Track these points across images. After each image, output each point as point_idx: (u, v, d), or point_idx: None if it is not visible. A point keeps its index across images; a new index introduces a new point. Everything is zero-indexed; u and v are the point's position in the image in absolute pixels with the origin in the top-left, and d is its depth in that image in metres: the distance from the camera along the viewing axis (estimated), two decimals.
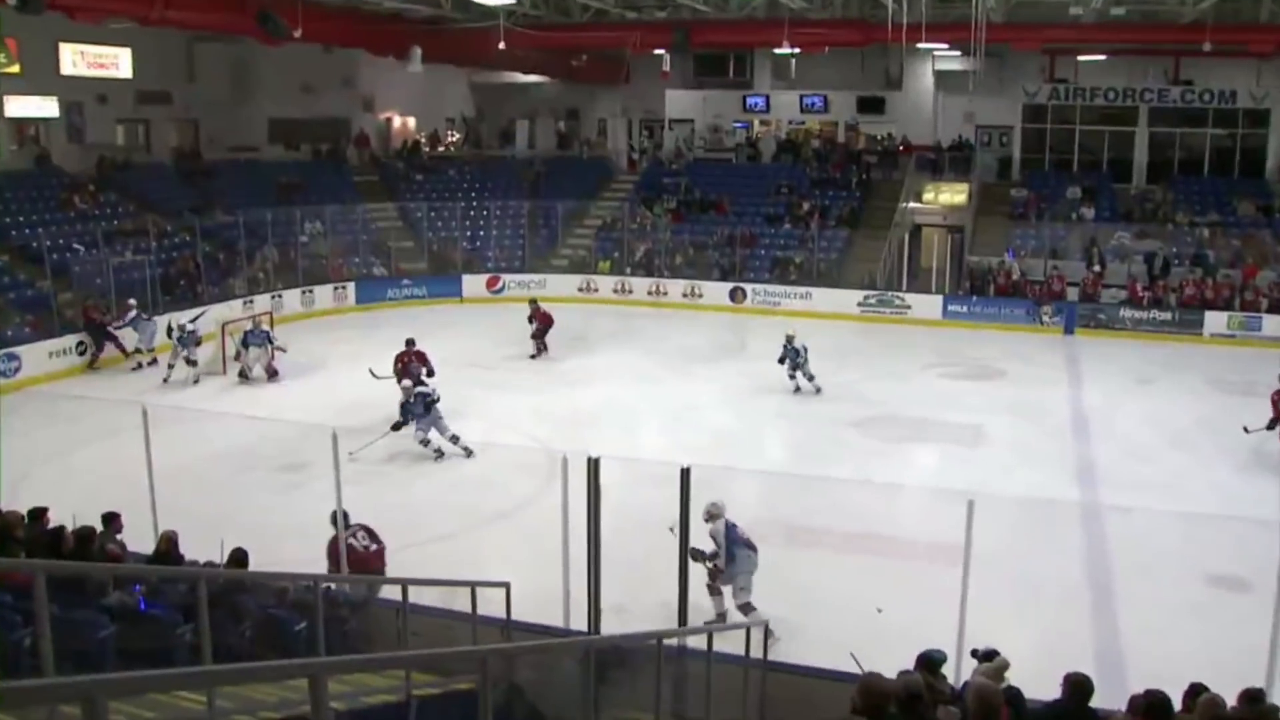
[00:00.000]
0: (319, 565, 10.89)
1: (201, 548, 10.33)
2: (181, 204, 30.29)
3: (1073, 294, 28.22)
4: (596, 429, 18.32)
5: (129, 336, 23.28)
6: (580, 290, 31.73)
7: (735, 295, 30.08)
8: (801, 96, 38.48)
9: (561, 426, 18.51)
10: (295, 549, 12.59)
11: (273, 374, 22.06)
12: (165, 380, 21.45)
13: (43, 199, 27.69)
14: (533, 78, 42.36)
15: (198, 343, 22.11)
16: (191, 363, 21.80)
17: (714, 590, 11.53)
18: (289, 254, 30.10)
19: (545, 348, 24.40)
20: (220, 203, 30.77)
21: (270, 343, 22.20)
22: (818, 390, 20.86)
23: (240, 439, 17.31)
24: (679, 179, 35.13)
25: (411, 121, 40.97)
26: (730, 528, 11.41)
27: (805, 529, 14.01)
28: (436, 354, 20.91)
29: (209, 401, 20.12)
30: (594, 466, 9.88)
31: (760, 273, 30.94)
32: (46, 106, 30.32)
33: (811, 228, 31.42)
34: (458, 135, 42.28)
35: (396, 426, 16.80)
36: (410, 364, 19.53)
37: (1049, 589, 12.37)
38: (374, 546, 11.58)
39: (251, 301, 27.25)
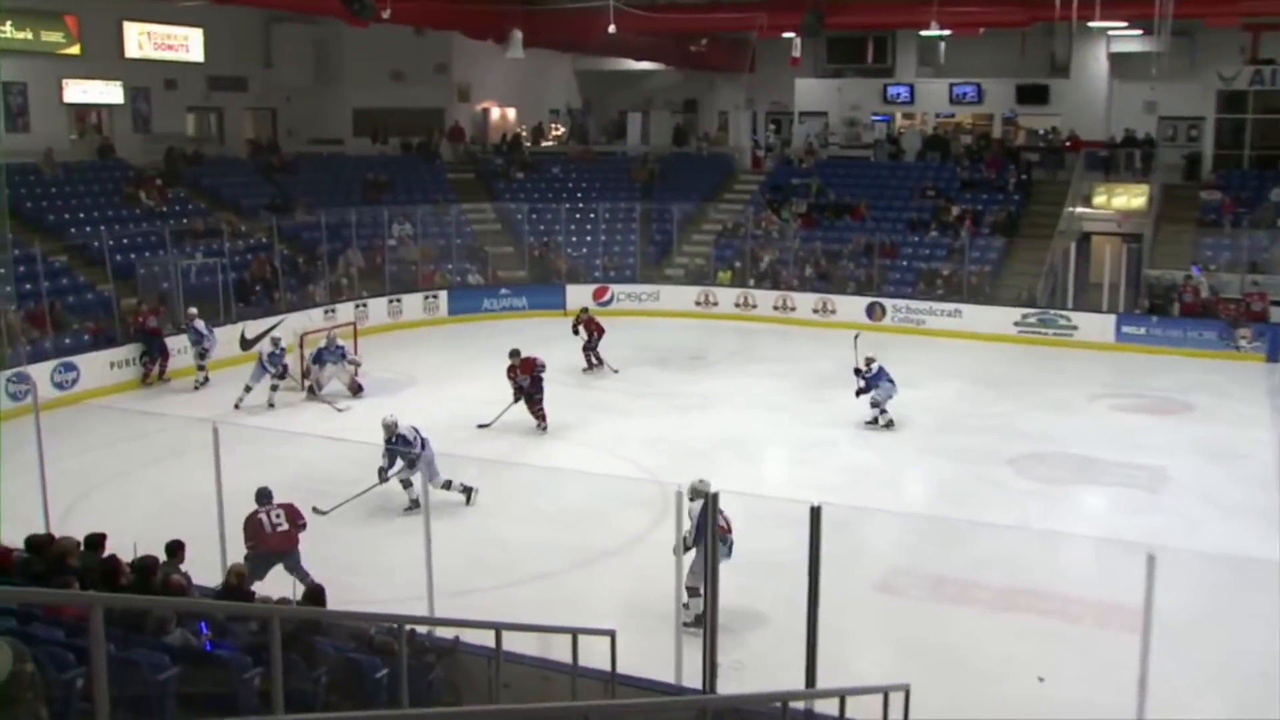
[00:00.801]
0: (405, 605, 10.95)
1: (274, 583, 10.47)
2: (257, 202, 31.11)
3: (1276, 315, 27.19)
4: (714, 460, 18.24)
5: (178, 348, 23.79)
6: (698, 304, 31.74)
7: (873, 311, 29.76)
8: (951, 85, 38.05)
9: (675, 456, 18.49)
10: (378, 586, 12.81)
11: (357, 390, 22.38)
12: (237, 405, 21.48)
13: (105, 194, 28.63)
14: (646, 65, 42.61)
15: (283, 371, 22.20)
16: (275, 388, 22.06)
17: (693, 592, 11.69)
18: (375, 259, 30.68)
19: (599, 360, 24.61)
20: (300, 201, 31.55)
21: (344, 359, 22.56)
22: (888, 424, 20.48)
23: (319, 463, 17.52)
24: (809, 179, 34.92)
25: (511, 113, 41.52)
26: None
27: (952, 581, 13.69)
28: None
29: (283, 420, 20.50)
30: (712, 501, 9.79)
31: (902, 286, 30.58)
32: (110, 92, 31.46)
33: (962, 236, 30.96)
34: (562, 129, 42.73)
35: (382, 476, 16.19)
36: (518, 377, 19.91)
37: (1244, 664, 11.78)
38: (284, 527, 12.68)
39: (333, 311, 27.78)
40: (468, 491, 16.13)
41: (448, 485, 15.99)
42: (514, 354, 20.15)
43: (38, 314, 22.76)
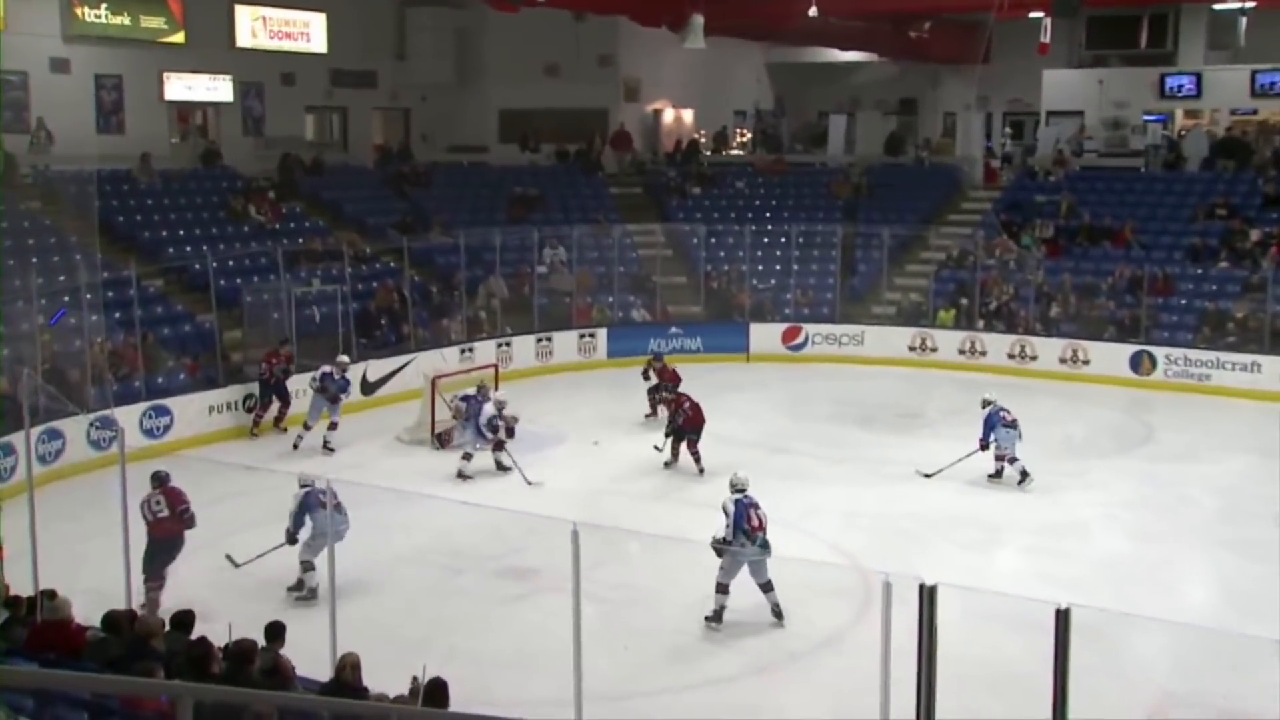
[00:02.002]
0: (547, 708, 10.96)
1: (392, 675, 10.55)
2: (385, 219, 31.88)
3: None
4: (927, 543, 18.08)
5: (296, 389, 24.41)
6: (912, 349, 31.46)
7: (1139, 363, 29.06)
8: (1254, 74, 36.97)
9: (880, 535, 18.37)
10: (513, 682, 12.91)
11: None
12: (296, 445, 22.55)
13: (209, 208, 29.64)
14: (854, 56, 42.62)
15: (338, 397, 23.00)
16: (333, 425, 22.82)
17: (721, 588, 14.89)
18: (521, 288, 31.19)
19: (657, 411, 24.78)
20: (435, 219, 32.32)
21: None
22: (1022, 477, 21.08)
23: (448, 532, 17.83)
24: (1058, 196, 34.34)
25: (688, 115, 41.84)
26: (744, 506, 15.23)
27: (1248, 718, 13.16)
28: (712, 427, 21.73)
29: (406, 478, 20.83)
30: (928, 596, 9.58)
31: (1179, 332, 29.82)
32: (217, 88, 32.64)
33: (1263, 267, 30.05)
34: (749, 134, 42.90)
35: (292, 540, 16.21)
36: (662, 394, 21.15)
37: None
38: (164, 514, 14.48)
39: (470, 351, 28.32)
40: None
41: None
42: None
43: (127, 348, 23.41)
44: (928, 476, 21.56)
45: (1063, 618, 9.29)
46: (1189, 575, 17.77)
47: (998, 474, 21.39)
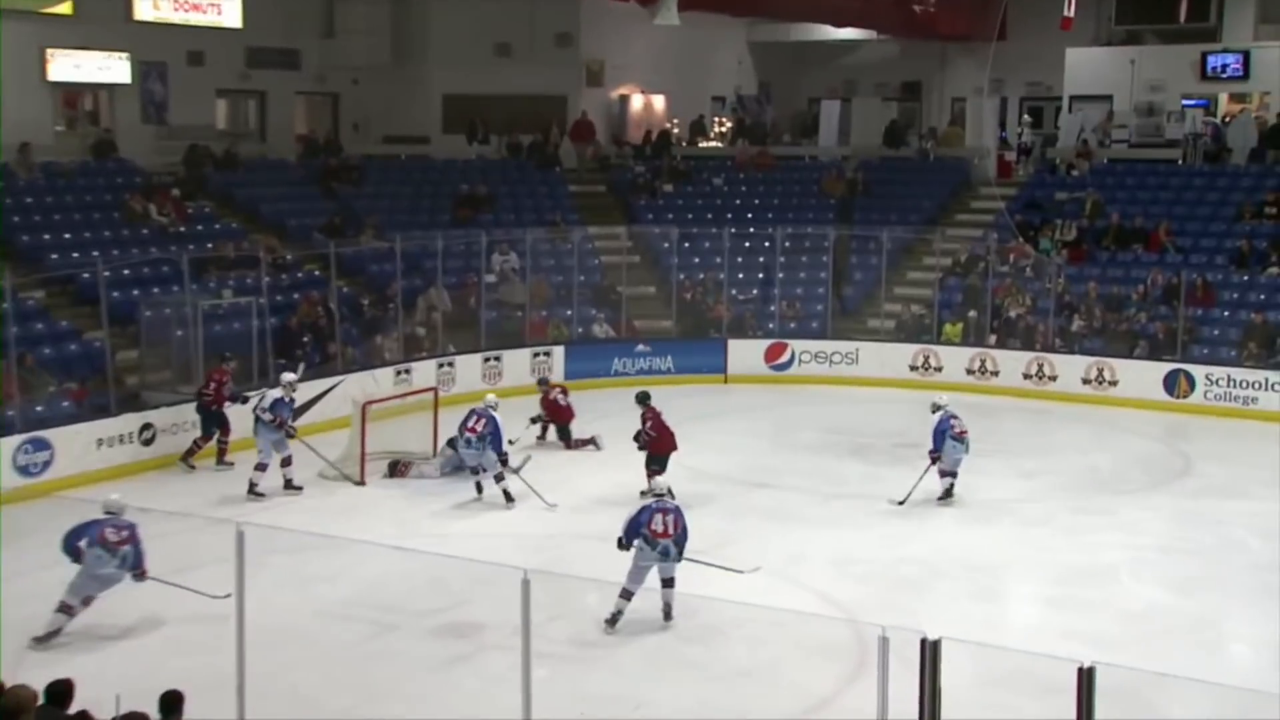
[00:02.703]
0: None
1: None
2: (310, 221, 31.83)
3: None
4: (931, 592, 18.03)
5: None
6: (914, 369, 31.47)
7: (1175, 384, 29.11)
8: None
9: (877, 585, 18.29)
10: None
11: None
12: (252, 490, 22.01)
13: (100, 207, 29.38)
14: (850, 33, 42.72)
15: (288, 430, 22.53)
16: (287, 461, 22.36)
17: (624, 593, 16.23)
18: (467, 301, 31.06)
19: (570, 439, 25.15)
20: (368, 220, 32.19)
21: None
22: (946, 495, 21.91)
23: (380, 583, 17.60)
24: (1083, 193, 34.50)
25: (659, 102, 41.86)
26: (651, 511, 16.50)
27: None
28: (686, 459, 21.63)
29: (330, 520, 20.66)
30: (931, 653, 9.52)
31: (1220, 348, 29.97)
32: (112, 68, 32.29)
33: None
34: (729, 124, 42.91)
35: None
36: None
37: None
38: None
39: (407, 372, 28.12)
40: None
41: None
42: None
43: (2, 372, 22.87)
44: (899, 504, 21.79)
45: (1086, 678, 9.24)
46: (1234, 630, 17.71)
47: (947, 494, 21.98)
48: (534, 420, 25.38)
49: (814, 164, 38.85)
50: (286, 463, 22.32)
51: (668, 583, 16.54)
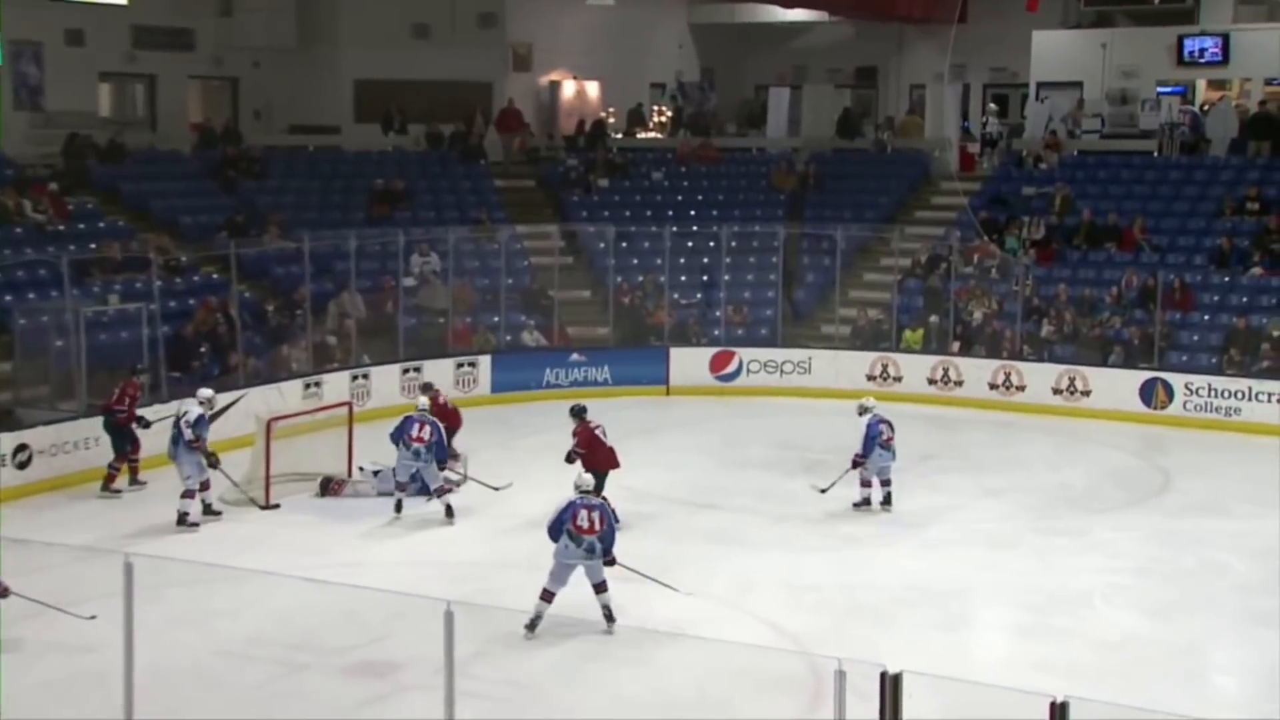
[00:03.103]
0: None
1: None
2: (207, 218, 31.63)
3: None
4: (894, 621, 17.98)
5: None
6: (871, 379, 31.44)
7: (1151, 394, 29.26)
8: None
9: (833, 613, 18.23)
10: None
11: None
12: (184, 520, 21.56)
13: None
14: (799, 14, 42.73)
15: (208, 455, 22.08)
16: (203, 486, 21.88)
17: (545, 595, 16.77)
18: (384, 306, 30.94)
19: (454, 458, 24.62)
20: (273, 218, 31.98)
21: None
22: (884, 502, 22.59)
23: (287, 617, 17.38)
24: (1051, 187, 34.66)
25: (593, 89, 41.85)
26: (575, 506, 17.01)
27: None
28: (625, 478, 21.36)
29: (232, 548, 20.42)
30: (891, 687, 9.51)
31: (1200, 354, 30.19)
32: None
33: None
34: (669, 113, 42.90)
35: None
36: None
37: None
38: None
39: (317, 385, 27.90)
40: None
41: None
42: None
43: None
44: (822, 491, 22.55)
45: (1060, 713, 9.24)
46: (1218, 659, 17.74)
47: (865, 501, 22.58)
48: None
49: (762, 156, 39.02)
50: (204, 486, 21.98)
51: (599, 588, 17.02)
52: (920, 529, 22.06)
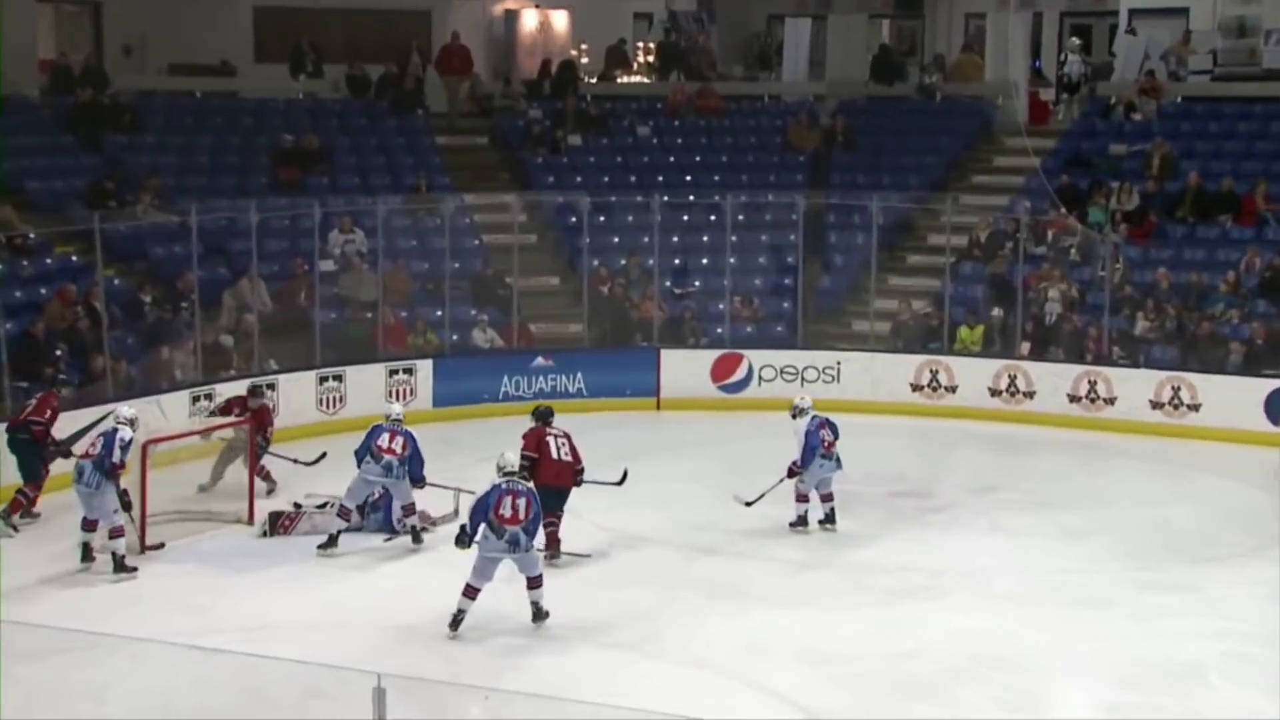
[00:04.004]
0: None
1: None
2: (64, 183, 31.59)
3: None
4: (947, 700, 17.88)
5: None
6: (917, 389, 31.66)
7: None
8: None
9: (868, 689, 18.16)
10: None
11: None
12: (124, 566, 21.53)
13: None
14: None
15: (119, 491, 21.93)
16: (112, 535, 21.67)
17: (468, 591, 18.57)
18: (294, 297, 31.04)
19: (267, 478, 24.86)
20: (149, 184, 31.83)
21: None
22: (826, 520, 23.51)
23: (169, 696, 16.97)
24: (1147, 144, 34.73)
25: (560, 20, 41.80)
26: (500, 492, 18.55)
27: None
28: (603, 515, 22.20)
29: (97, 609, 20.21)
30: None
31: None
32: None
33: None
34: (657, 52, 42.80)
35: None
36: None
37: None
38: None
39: (208, 399, 27.60)
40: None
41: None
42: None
43: None
44: (748, 505, 23.47)
45: None
46: None
47: (801, 520, 23.53)
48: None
49: (775, 107, 39.11)
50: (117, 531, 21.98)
51: (533, 582, 18.90)
52: (981, 580, 21.97)
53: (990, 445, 28.62)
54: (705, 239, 34.21)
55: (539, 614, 18.81)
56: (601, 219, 34.04)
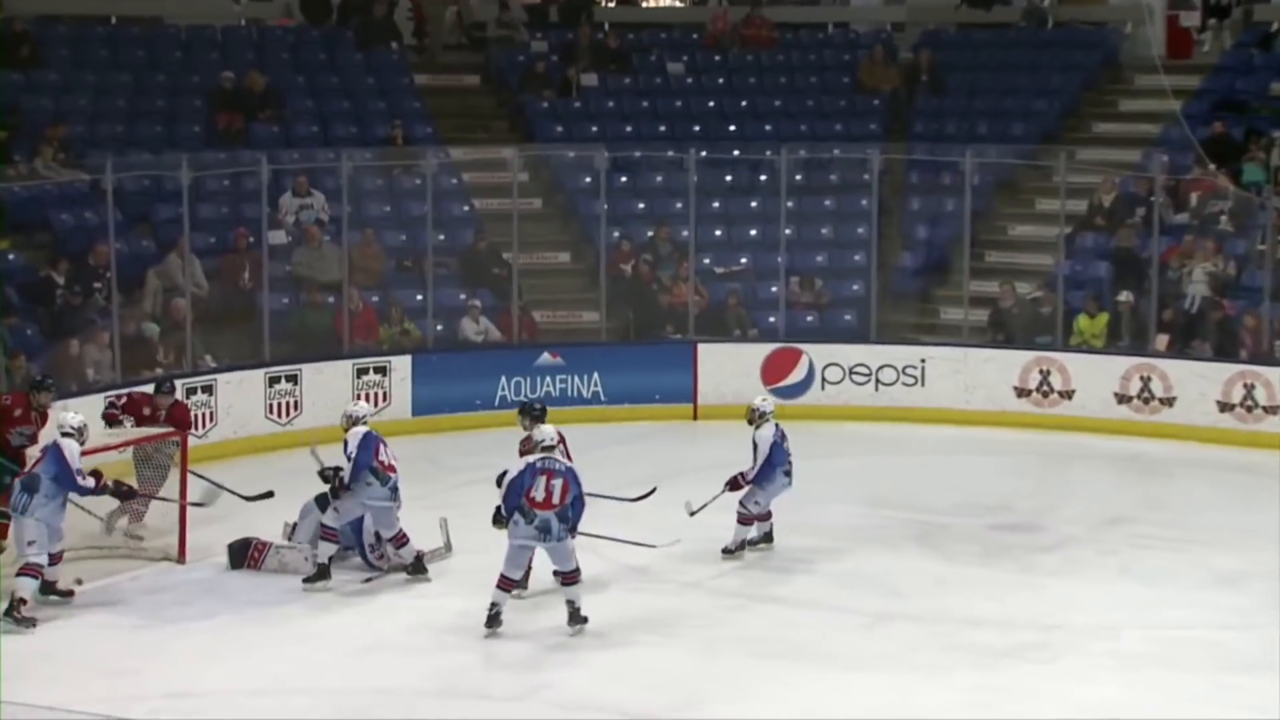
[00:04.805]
0: None
1: None
2: None
3: None
4: None
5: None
6: (1023, 393, 31.61)
7: None
8: None
9: None
10: None
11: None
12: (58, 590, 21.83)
13: None
14: None
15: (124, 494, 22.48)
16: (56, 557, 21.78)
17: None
18: (236, 277, 31.08)
19: (129, 508, 24.26)
20: (51, 133, 31.86)
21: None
22: (763, 539, 24.09)
23: None
24: None
25: None
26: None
27: None
28: (628, 554, 22.20)
29: (28, 667, 20.14)
30: None
31: None
32: None
33: None
34: None
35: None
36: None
37: None
38: None
39: (125, 400, 27.44)
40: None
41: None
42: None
43: None
44: (691, 515, 23.60)
45: None
46: None
47: (740, 547, 23.83)
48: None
49: (843, 37, 39.04)
50: (55, 559, 21.99)
51: (567, 578, 20.07)
52: (1106, 636, 21.65)
53: (1117, 465, 28.50)
54: (754, 205, 34.25)
55: (575, 617, 19.75)
56: (623, 179, 34.11)
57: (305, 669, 20.24)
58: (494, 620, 19.62)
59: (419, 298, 32.13)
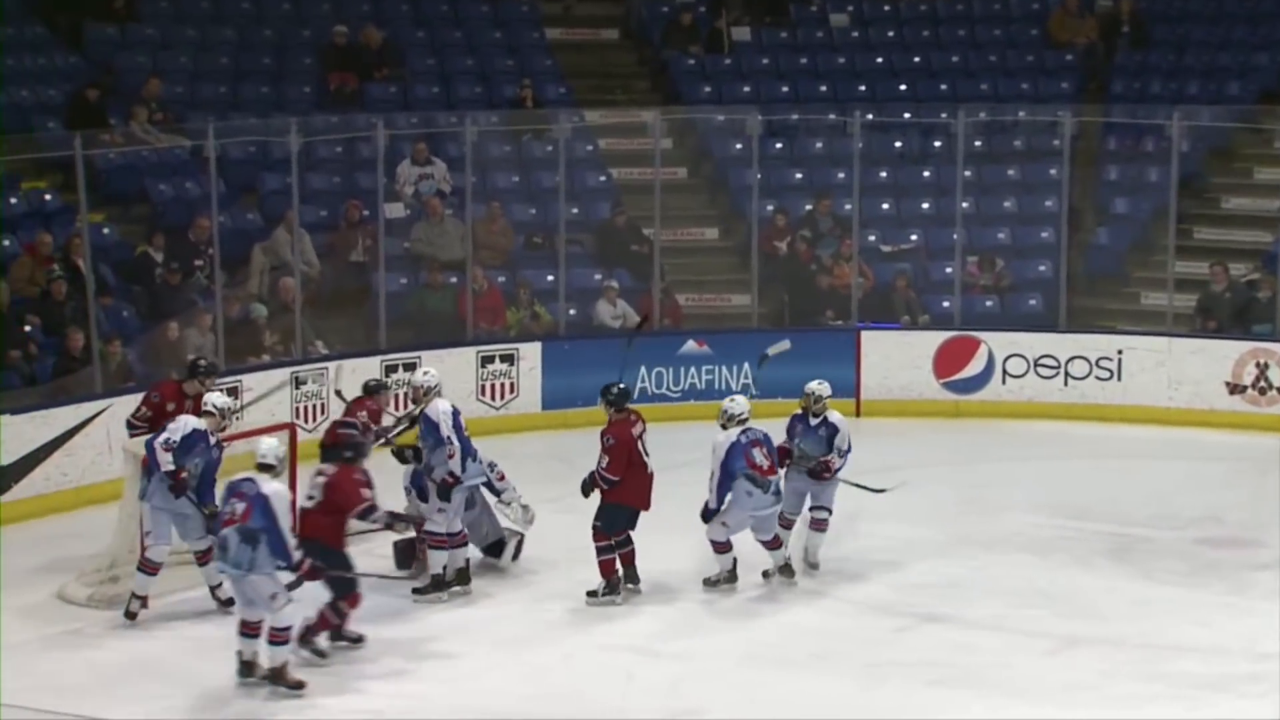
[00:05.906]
0: None
1: None
2: (31, 95, 31.94)
3: None
4: None
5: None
6: (1236, 390, 31.41)
7: None
8: None
9: None
10: None
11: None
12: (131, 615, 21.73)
13: None
14: None
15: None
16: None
17: None
18: (346, 254, 31.40)
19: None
20: (147, 94, 32.09)
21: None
22: (780, 570, 23.10)
23: None
24: None
25: None
26: None
27: None
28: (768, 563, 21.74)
29: (80, 692, 20.24)
30: None
31: None
32: None
33: None
34: None
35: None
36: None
37: None
38: None
39: (232, 393, 27.56)
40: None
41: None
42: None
43: None
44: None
45: None
46: None
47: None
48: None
49: None
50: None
51: (772, 544, 22.15)
52: None
53: None
54: (926, 174, 34.17)
55: (789, 569, 22.35)
56: (779, 145, 34.13)
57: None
58: (729, 578, 22.00)
59: (550, 278, 32.28)
